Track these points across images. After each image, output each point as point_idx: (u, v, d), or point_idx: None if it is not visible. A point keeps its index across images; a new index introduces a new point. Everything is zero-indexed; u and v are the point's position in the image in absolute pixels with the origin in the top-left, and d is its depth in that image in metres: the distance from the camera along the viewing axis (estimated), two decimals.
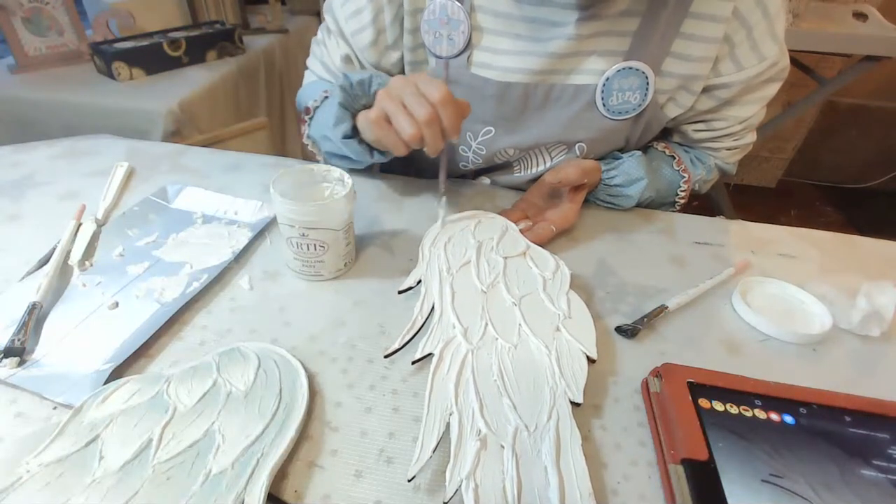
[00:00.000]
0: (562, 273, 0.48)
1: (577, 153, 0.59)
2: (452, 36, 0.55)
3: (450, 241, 0.51)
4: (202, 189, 0.59)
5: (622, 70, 0.53)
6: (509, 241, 0.51)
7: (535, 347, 0.40)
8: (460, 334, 0.40)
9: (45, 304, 0.43)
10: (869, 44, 1.36)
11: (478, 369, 0.37)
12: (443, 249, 0.49)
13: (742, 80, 0.54)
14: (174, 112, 1.06)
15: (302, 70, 0.71)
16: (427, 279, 0.46)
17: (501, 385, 0.36)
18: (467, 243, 0.50)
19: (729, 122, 0.59)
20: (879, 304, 0.45)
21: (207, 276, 0.47)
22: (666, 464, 0.33)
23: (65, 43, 1.22)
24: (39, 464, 0.31)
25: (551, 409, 0.35)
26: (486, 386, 0.36)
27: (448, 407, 0.34)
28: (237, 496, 0.30)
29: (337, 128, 0.53)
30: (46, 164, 0.65)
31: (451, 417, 0.34)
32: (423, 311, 0.43)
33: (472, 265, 0.47)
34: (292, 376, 0.38)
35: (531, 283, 0.46)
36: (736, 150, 0.64)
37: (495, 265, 0.47)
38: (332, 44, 0.63)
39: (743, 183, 2.20)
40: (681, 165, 0.61)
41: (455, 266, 0.47)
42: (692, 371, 0.38)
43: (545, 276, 0.47)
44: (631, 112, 0.56)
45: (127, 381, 0.36)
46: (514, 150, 0.60)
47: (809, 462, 0.32)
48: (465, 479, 0.30)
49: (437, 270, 0.47)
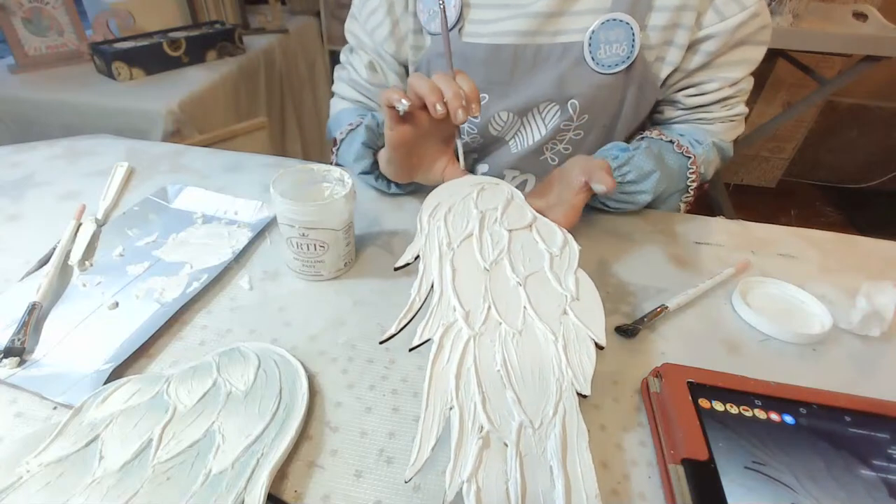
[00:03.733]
0: (570, 249, 0.45)
1: (570, 111, 0.60)
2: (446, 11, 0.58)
3: (450, 211, 0.47)
4: (202, 189, 0.59)
5: (606, 22, 0.55)
6: (514, 211, 0.48)
7: (540, 334, 0.37)
8: (461, 318, 0.37)
9: (45, 304, 0.43)
10: (869, 44, 1.36)
11: (480, 358, 0.35)
12: (443, 221, 0.46)
13: (726, 31, 0.55)
14: (174, 112, 1.06)
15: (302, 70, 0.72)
16: (426, 255, 0.43)
17: (505, 376, 0.34)
18: (469, 214, 0.47)
19: (719, 83, 0.59)
20: (879, 304, 0.45)
21: (207, 276, 0.47)
22: (666, 464, 0.33)
23: (65, 43, 1.22)
24: (39, 464, 0.31)
25: (557, 402, 0.33)
26: (489, 377, 0.34)
27: (448, 400, 0.33)
28: (237, 496, 0.30)
29: (357, 163, 0.60)
30: (46, 164, 0.65)
31: (452, 412, 0.32)
32: (422, 293, 0.40)
33: (474, 238, 0.44)
34: (292, 376, 0.38)
35: (537, 259, 0.43)
36: (730, 124, 0.64)
37: (499, 239, 0.44)
38: (355, 59, 0.69)
39: (743, 183, 2.20)
40: (682, 148, 0.60)
41: (456, 240, 0.44)
42: (692, 371, 0.38)
43: (552, 252, 0.44)
44: (620, 65, 0.56)
45: (127, 381, 0.36)
46: (507, 113, 0.62)
47: (809, 462, 0.32)
48: (467, 482, 0.29)
49: (437, 245, 0.43)
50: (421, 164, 0.54)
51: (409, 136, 0.49)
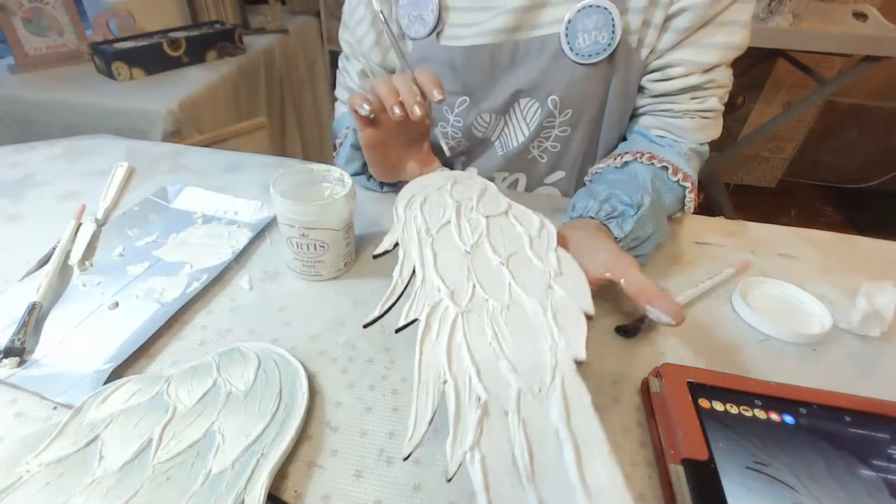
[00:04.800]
0: (548, 231, 0.44)
1: (551, 106, 0.58)
2: (424, 15, 0.58)
3: (426, 201, 0.47)
4: (202, 189, 0.59)
5: (583, 9, 0.53)
6: (489, 200, 0.48)
7: (528, 306, 0.36)
8: (447, 297, 0.36)
9: (45, 304, 0.43)
10: (869, 44, 1.36)
11: (470, 334, 0.34)
12: (419, 210, 0.45)
13: (702, 3, 0.51)
14: (174, 112, 1.06)
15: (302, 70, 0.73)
16: (405, 241, 0.42)
17: (497, 348, 0.33)
18: (445, 204, 0.46)
19: (687, 67, 0.54)
20: (879, 304, 0.45)
21: (207, 276, 0.47)
22: (666, 464, 0.33)
23: (65, 43, 1.22)
24: (39, 464, 0.31)
25: (554, 368, 0.32)
26: (481, 350, 0.33)
27: (441, 374, 0.31)
28: (237, 496, 0.30)
29: (348, 166, 0.61)
30: (46, 164, 0.65)
31: (446, 386, 0.30)
32: (404, 276, 0.39)
33: (452, 226, 0.43)
34: (292, 376, 0.38)
35: (517, 241, 0.43)
36: (701, 121, 0.57)
37: (477, 225, 0.44)
38: (350, 66, 0.69)
39: (743, 183, 2.20)
40: (678, 174, 0.54)
41: (434, 227, 0.43)
42: (692, 371, 0.38)
43: (531, 235, 0.43)
44: (602, 53, 0.54)
45: (127, 381, 0.36)
46: (489, 114, 0.61)
47: (809, 462, 0.32)
48: (469, 451, 0.27)
49: (415, 232, 0.43)
50: (400, 162, 0.55)
51: (379, 137, 0.50)
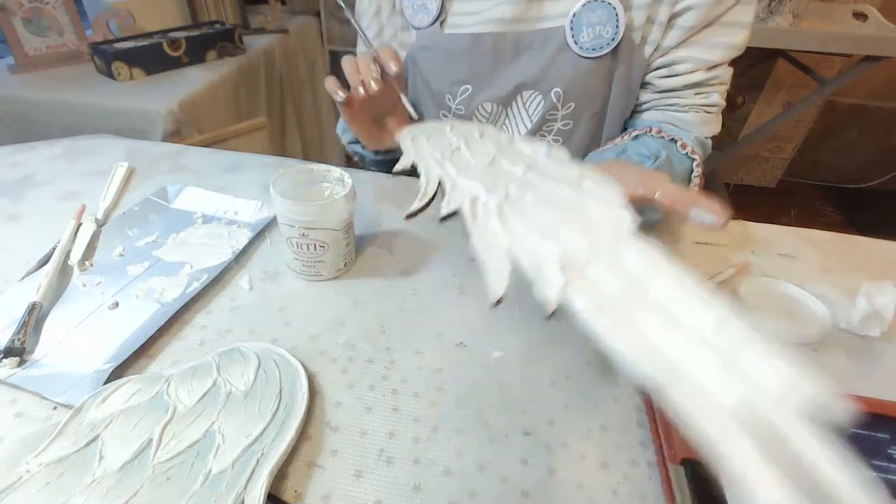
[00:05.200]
0: (558, 149, 0.42)
1: (554, 99, 0.59)
2: (427, 5, 0.59)
3: (429, 138, 0.45)
4: (202, 189, 0.59)
5: (588, 3, 0.53)
6: (492, 134, 0.46)
7: (569, 197, 0.34)
8: (484, 191, 0.34)
9: (45, 304, 0.43)
10: (869, 44, 1.36)
11: (522, 212, 0.32)
12: (426, 141, 0.44)
13: (707, 2, 0.52)
14: (174, 112, 1.06)
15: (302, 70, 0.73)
16: (422, 160, 0.41)
17: (552, 219, 0.31)
18: (450, 139, 0.44)
19: (693, 64, 0.57)
20: (879, 304, 0.45)
21: (207, 276, 0.47)
22: (666, 464, 0.33)
23: (65, 43, 1.22)
24: (39, 464, 0.31)
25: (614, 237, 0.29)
26: (536, 223, 0.31)
27: (504, 245, 0.29)
28: (237, 496, 0.30)
29: (344, 135, 0.67)
30: (46, 164, 0.65)
31: (514, 250, 0.29)
32: (432, 182, 0.37)
33: (463, 150, 0.42)
34: (292, 376, 0.38)
35: (531, 156, 0.40)
36: (705, 115, 0.59)
37: (488, 150, 0.42)
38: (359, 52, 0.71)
39: (743, 183, 2.20)
40: (686, 148, 0.56)
41: (446, 154, 0.41)
42: None
43: (544, 152, 0.41)
44: (606, 47, 0.55)
45: (127, 381, 0.36)
46: (491, 104, 0.62)
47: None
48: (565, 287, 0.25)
49: (430, 155, 0.42)
50: (382, 129, 0.55)
51: (355, 113, 0.51)
